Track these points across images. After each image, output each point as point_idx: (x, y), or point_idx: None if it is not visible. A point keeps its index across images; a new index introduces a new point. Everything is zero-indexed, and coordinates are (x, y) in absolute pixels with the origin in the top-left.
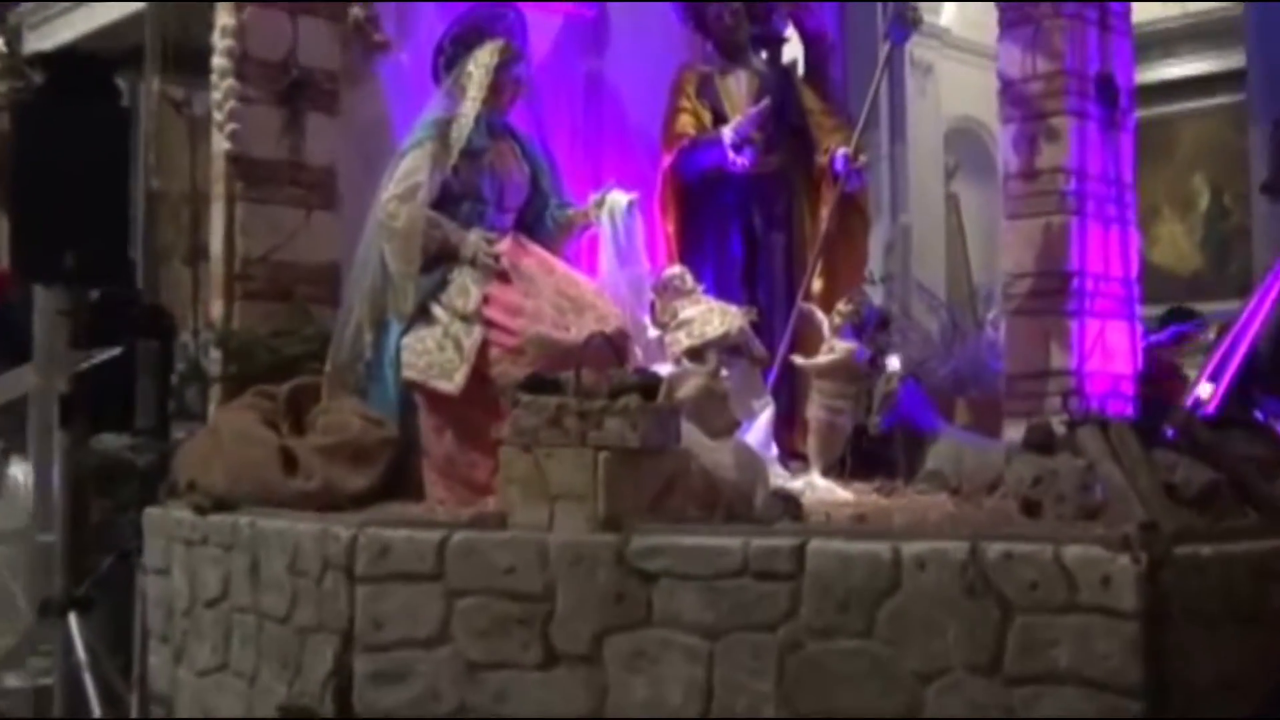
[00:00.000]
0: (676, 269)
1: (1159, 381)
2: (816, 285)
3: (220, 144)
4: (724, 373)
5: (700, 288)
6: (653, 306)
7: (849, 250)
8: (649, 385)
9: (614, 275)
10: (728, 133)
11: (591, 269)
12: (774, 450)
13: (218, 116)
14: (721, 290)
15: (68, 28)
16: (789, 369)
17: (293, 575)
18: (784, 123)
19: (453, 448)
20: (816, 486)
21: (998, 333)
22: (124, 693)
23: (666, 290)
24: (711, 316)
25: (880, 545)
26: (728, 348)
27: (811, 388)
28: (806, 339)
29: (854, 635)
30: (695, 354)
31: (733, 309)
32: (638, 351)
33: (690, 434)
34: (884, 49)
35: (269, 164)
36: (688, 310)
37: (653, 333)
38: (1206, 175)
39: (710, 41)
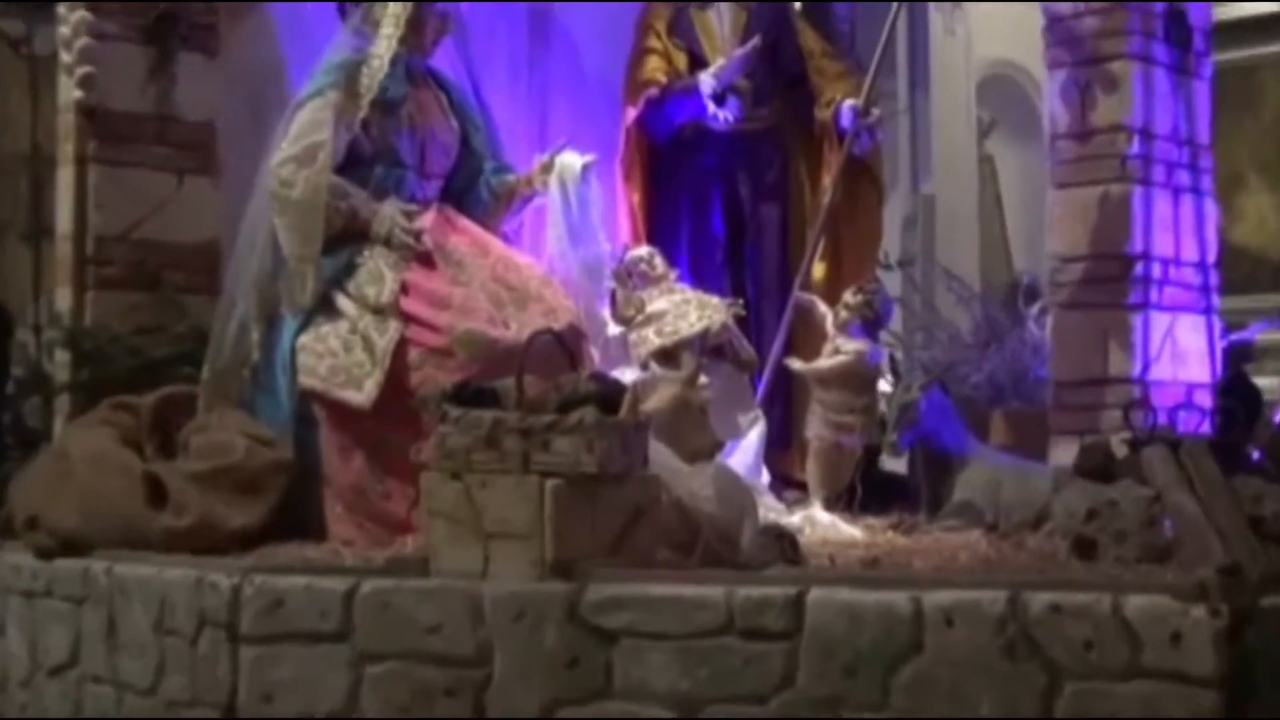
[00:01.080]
0: (643, 250)
1: (1242, 391)
2: (818, 271)
3: (70, 92)
4: (703, 380)
5: (673, 274)
6: (613, 297)
7: (858, 227)
8: (609, 395)
9: (565, 257)
10: (707, 80)
11: (537, 250)
12: (765, 477)
13: (66, 57)
14: (699, 277)
15: None
16: (784, 375)
17: (160, 635)
18: (777, 68)
19: (362, 474)
20: (818, 522)
21: (1043, 330)
22: None
23: (631, 276)
24: (687, 310)
25: (897, 595)
26: (708, 349)
27: (812, 399)
28: (806, 338)
29: (864, 707)
30: (667, 356)
31: (714, 300)
32: (594, 353)
33: (661, 456)
34: None
35: (131, 118)
36: (658, 302)
37: (614, 330)
38: None
39: None
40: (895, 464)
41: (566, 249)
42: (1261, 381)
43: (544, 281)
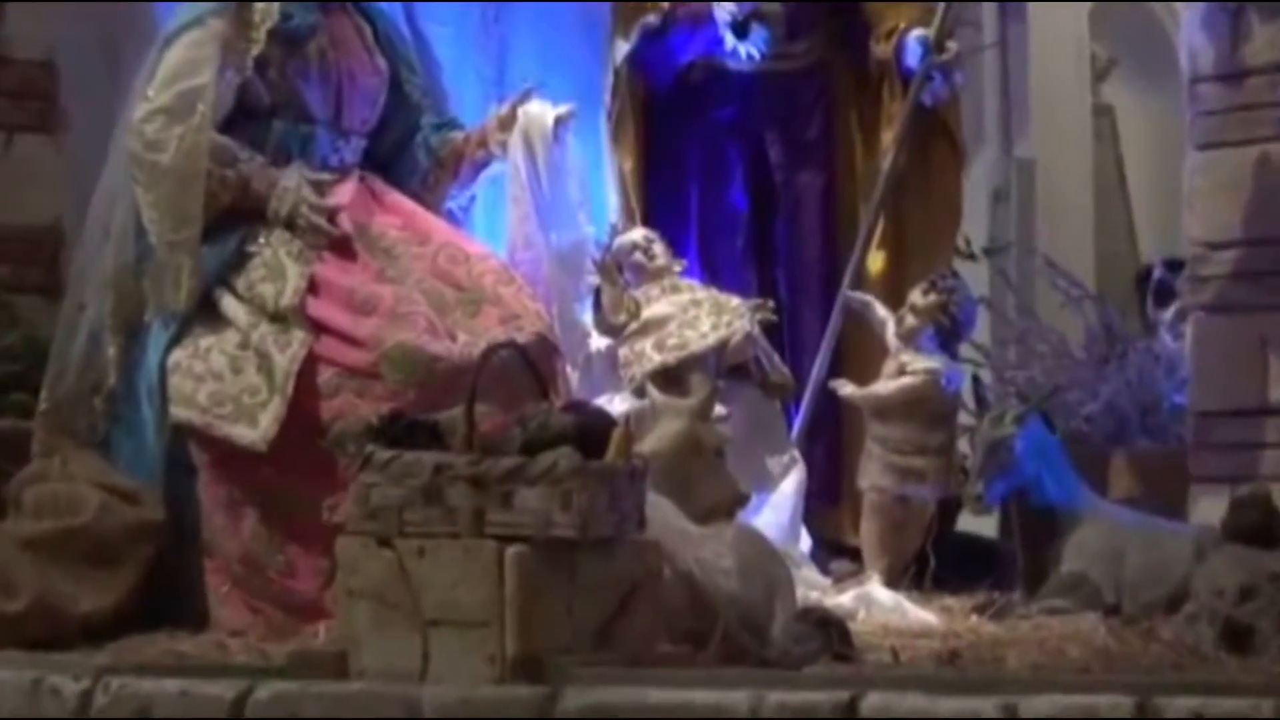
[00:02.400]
0: (638, 234)
1: None
2: (875, 261)
3: None
4: (720, 410)
5: (679, 266)
6: (598, 298)
7: (930, 202)
8: (591, 432)
9: (532, 245)
10: (725, 4)
11: (494, 234)
12: (805, 542)
13: None
14: (714, 270)
15: None
16: (830, 404)
17: None
18: None
19: (256, 539)
20: (877, 602)
21: (1180, 342)
22: None
23: (622, 270)
24: (698, 315)
25: (984, 702)
26: (725, 368)
27: (868, 436)
28: (859, 353)
29: None
30: (671, 379)
31: (733, 302)
32: (572, 374)
33: (663, 515)
34: None
35: None
36: (658, 304)
37: (598, 342)
38: None
39: None
40: (981, 524)
41: (534, 233)
42: None
43: (503, 278)
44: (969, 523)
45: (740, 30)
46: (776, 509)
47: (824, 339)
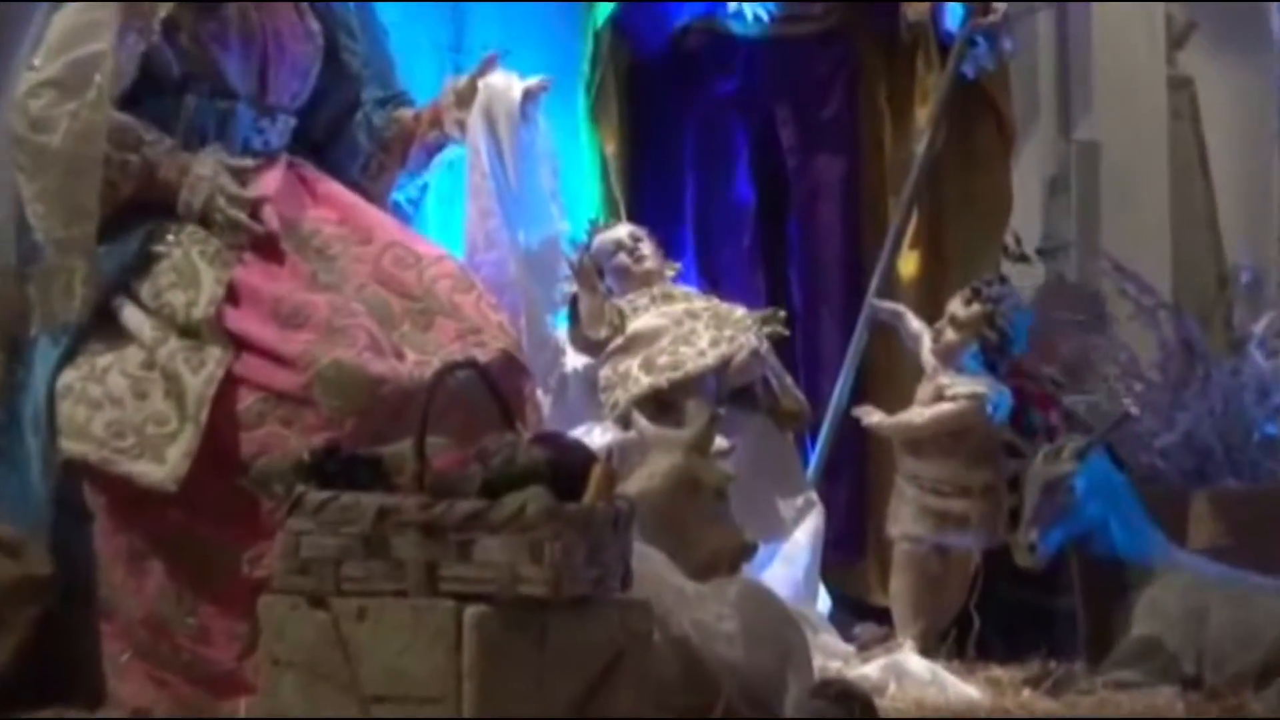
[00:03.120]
0: (623, 231)
1: None
2: (908, 264)
3: None
4: (721, 443)
5: (672, 270)
6: (574, 307)
7: (973, 193)
8: (566, 469)
9: (496, 244)
10: None
11: (450, 231)
12: (823, 601)
13: None
14: (715, 274)
15: None
16: (854, 436)
17: None
18: None
19: (163, 597)
20: (910, 674)
21: (1274, 360)
22: None
23: (604, 274)
24: (694, 329)
25: None
26: (728, 392)
27: (899, 474)
28: (888, 373)
29: None
30: (663, 405)
31: (737, 313)
32: (543, 399)
33: (653, 568)
34: None
35: None
36: (647, 316)
37: (575, 361)
38: None
39: None
40: (1035, 579)
41: (498, 230)
42: None
43: (461, 284)
44: (1020, 578)
45: None
46: (789, 562)
47: (846, 357)
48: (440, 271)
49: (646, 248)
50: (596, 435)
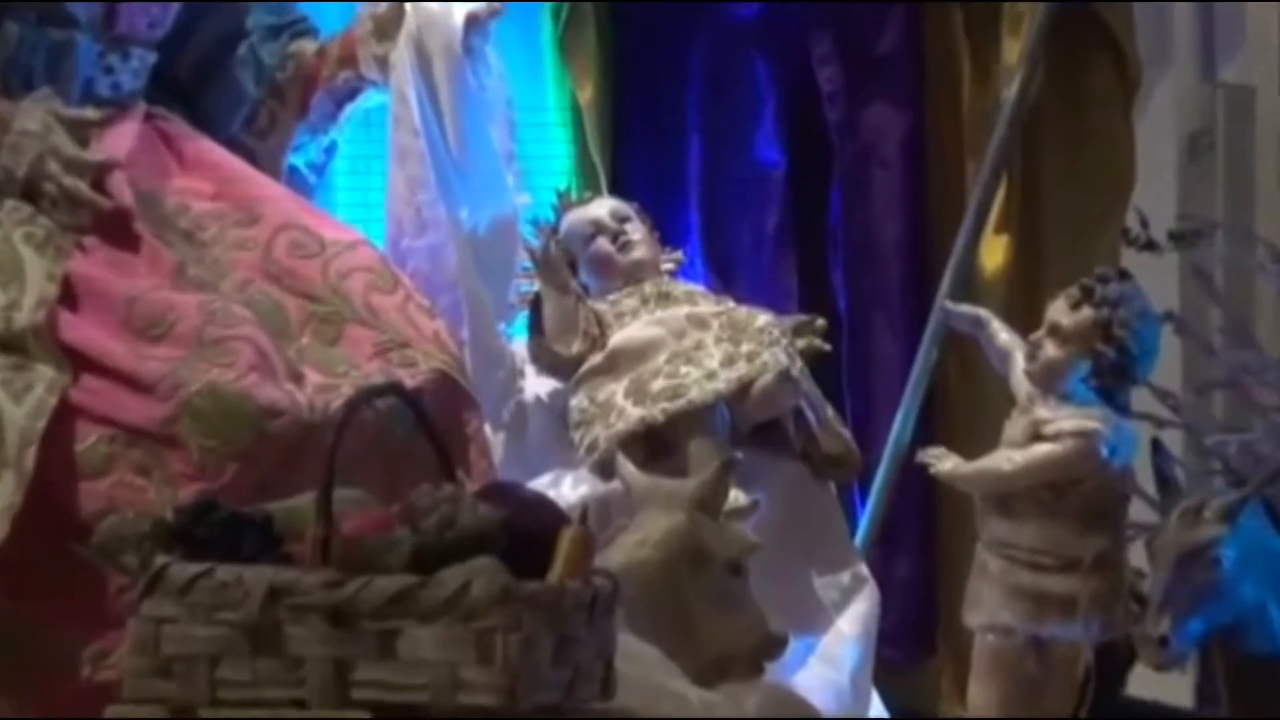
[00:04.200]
0: (603, 208)
1: None
2: (993, 253)
3: None
4: (737, 499)
5: (672, 261)
6: (537, 312)
7: (1082, 157)
8: (526, 534)
9: (430, 225)
10: None
11: (368, 209)
12: (877, 711)
13: None
14: (728, 266)
15: None
16: (918, 488)
17: None
18: None
19: None
20: None
21: None
22: None
23: (577, 268)
24: (702, 342)
25: None
26: (750, 428)
27: (981, 540)
28: (965, 404)
29: None
30: (659, 446)
31: (761, 320)
32: (494, 438)
33: (645, 671)
34: None
35: None
36: (637, 324)
37: (537, 386)
38: None
39: None
40: (1167, 683)
41: (431, 207)
42: None
43: (381, 280)
44: (1148, 681)
45: None
46: (831, 661)
47: (909, 381)
48: (353, 263)
49: (635, 230)
50: (567, 487)
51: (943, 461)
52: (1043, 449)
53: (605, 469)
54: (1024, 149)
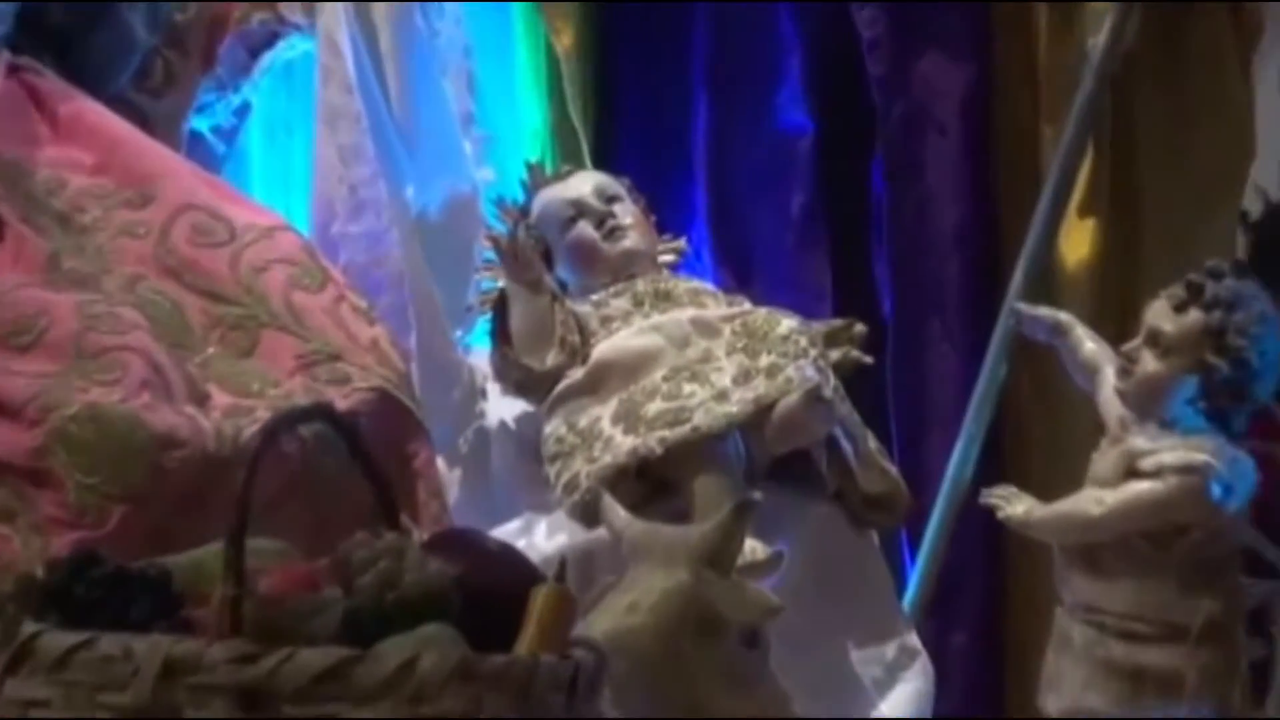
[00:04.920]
0: (585, 185)
1: None
2: (1076, 241)
3: None
4: (757, 550)
5: (673, 251)
6: (502, 315)
7: (1188, 122)
8: (489, 594)
9: (368, 206)
10: None
11: (288, 185)
12: None
13: None
14: (744, 256)
15: None
16: (983, 535)
17: None
18: None
19: None
20: None
21: None
22: None
23: (552, 260)
24: (712, 354)
25: None
26: (770, 462)
27: (1065, 605)
28: (1041, 428)
29: None
30: (655, 481)
31: (784, 325)
32: (449, 473)
33: None
34: None
35: None
36: (627, 330)
37: (501, 408)
38: None
39: None
40: None
41: (370, 183)
42: None
43: (306, 274)
44: None
45: None
46: None
47: (971, 402)
48: (271, 253)
49: (626, 213)
50: (540, 536)
51: (1014, 504)
52: (1140, 488)
53: (588, 513)
54: (1115, 112)
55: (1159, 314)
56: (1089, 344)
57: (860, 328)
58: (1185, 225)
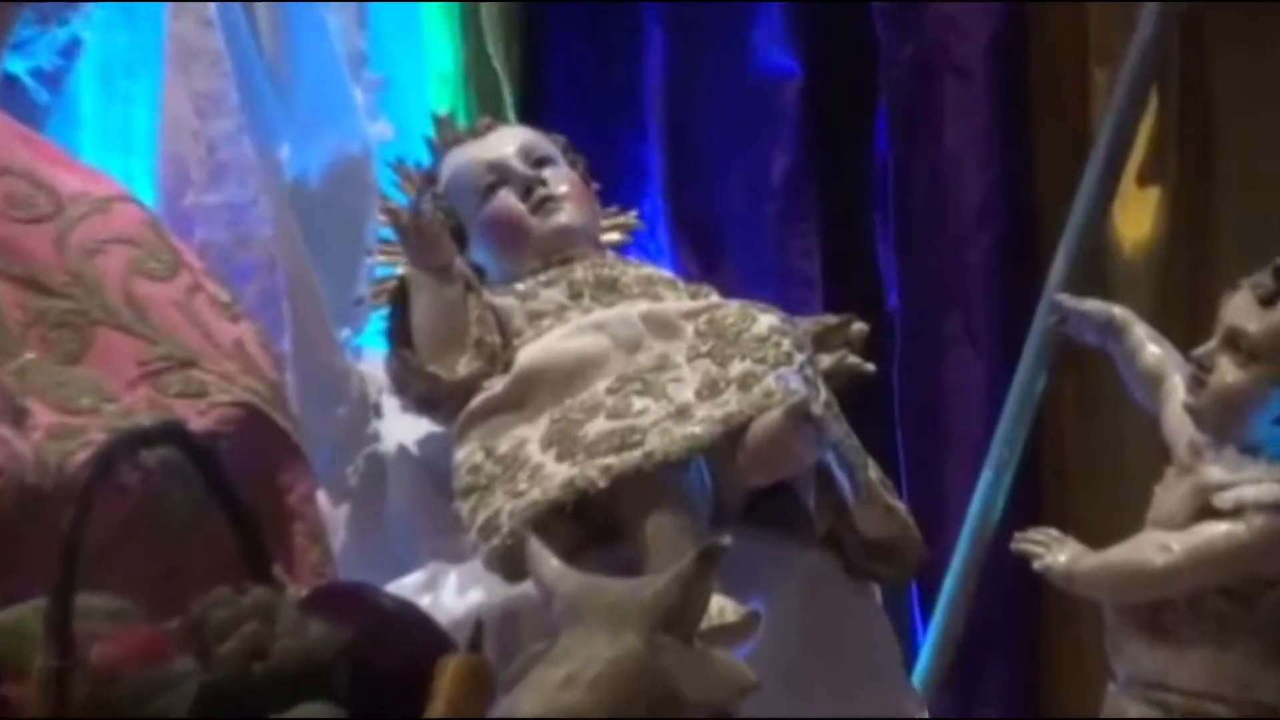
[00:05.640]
0: (506, 143)
1: None
2: (1134, 218)
3: None
4: (724, 610)
5: (619, 229)
6: (399, 309)
7: (1266, 71)
8: (383, 666)
9: (230, 169)
10: None
11: (133, 142)
12: None
13: None
14: (712, 235)
15: None
16: (1014, 587)
17: None
18: None
19: None
20: None
21: None
22: None
23: (465, 238)
24: (669, 358)
25: None
26: (745, 496)
27: (1117, 679)
28: (1088, 452)
29: None
30: (596, 523)
31: (764, 321)
32: (332, 511)
33: None
34: None
35: None
36: (562, 329)
37: (400, 430)
38: None
39: None
40: None
41: (234, 140)
42: None
43: (152, 258)
44: None
45: None
46: None
47: (999, 422)
48: (107, 230)
49: (560, 179)
50: (450, 592)
51: (1054, 552)
52: (1216, 532)
53: (511, 562)
54: (1185, 53)
55: (1240, 310)
56: (1151, 347)
57: (859, 326)
58: (1273, 198)
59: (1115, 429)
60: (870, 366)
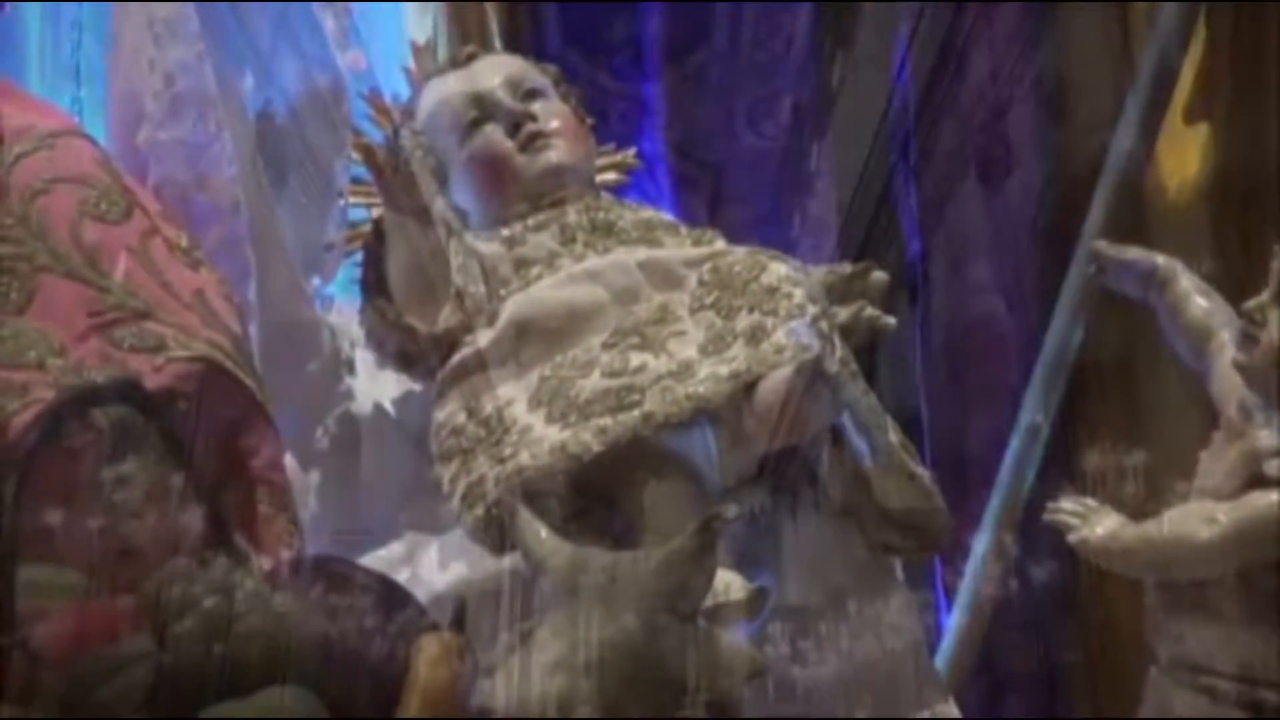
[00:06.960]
0: (490, 74)
1: None
2: (1180, 158)
3: None
4: (730, 585)
5: (614, 169)
6: (374, 256)
7: None
8: (356, 648)
9: (187, 101)
10: None
11: (84, 77)
12: None
13: None
14: (718, 174)
15: None
16: (1049, 559)
17: None
18: None
19: None
20: None
21: None
22: None
23: (444, 177)
24: (671, 310)
25: None
26: (753, 461)
27: (1161, 661)
28: (1129, 417)
29: None
30: (590, 491)
31: (775, 270)
32: (299, 474)
33: None
34: None
35: None
36: (553, 277)
37: (375, 387)
38: None
39: None
40: None
41: (188, 69)
42: None
43: (104, 200)
44: None
45: None
46: None
47: (1030, 382)
48: (55, 168)
49: (551, 114)
50: (428, 565)
51: (1091, 523)
52: (1267, 501)
53: (497, 533)
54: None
55: None
56: (1198, 300)
57: (878, 275)
58: None
59: (1156, 388)
60: (890, 320)
